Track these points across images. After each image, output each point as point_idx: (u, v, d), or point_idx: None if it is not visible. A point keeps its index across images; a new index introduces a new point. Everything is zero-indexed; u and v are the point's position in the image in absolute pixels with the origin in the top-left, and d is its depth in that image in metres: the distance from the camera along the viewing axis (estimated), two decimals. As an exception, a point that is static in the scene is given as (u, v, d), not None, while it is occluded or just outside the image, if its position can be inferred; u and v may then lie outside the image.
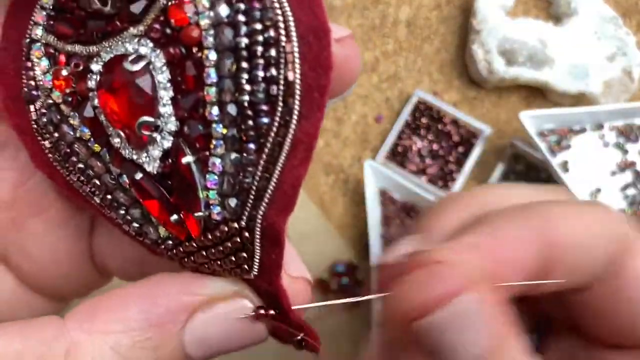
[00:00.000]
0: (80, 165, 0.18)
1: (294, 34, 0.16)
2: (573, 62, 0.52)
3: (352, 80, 0.18)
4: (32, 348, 0.16)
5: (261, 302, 0.19)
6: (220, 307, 0.18)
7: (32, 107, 0.18)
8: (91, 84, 0.17)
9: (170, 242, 0.18)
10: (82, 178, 0.18)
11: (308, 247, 0.51)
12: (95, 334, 0.17)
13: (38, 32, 0.18)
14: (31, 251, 0.21)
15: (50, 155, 0.18)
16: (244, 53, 0.16)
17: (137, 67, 0.16)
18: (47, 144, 0.18)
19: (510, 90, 0.54)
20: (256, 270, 0.18)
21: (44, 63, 0.18)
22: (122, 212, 0.18)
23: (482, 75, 0.52)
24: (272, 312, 0.18)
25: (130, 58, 0.16)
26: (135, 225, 0.18)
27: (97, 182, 0.18)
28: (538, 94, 0.54)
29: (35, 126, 0.18)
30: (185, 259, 0.18)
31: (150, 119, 0.16)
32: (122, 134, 0.17)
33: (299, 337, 0.19)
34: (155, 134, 0.17)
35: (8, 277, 0.21)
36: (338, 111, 0.54)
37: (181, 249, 0.18)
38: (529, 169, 0.53)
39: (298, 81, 0.16)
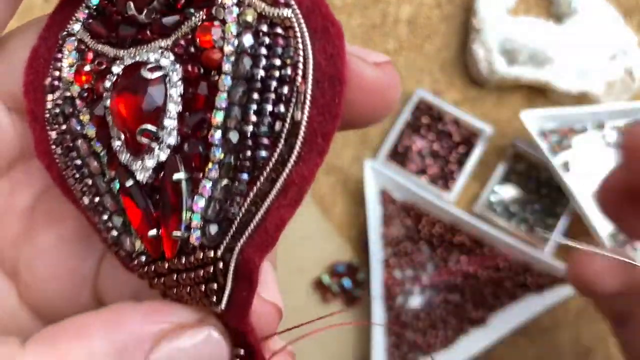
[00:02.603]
0: (78, 162, 0.18)
1: (310, 76, 0.16)
2: (574, 61, 0.52)
3: (390, 107, 0.18)
4: None
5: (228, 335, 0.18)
6: (187, 336, 0.17)
7: (50, 97, 0.18)
8: (108, 84, 0.17)
9: (144, 257, 0.18)
10: (77, 175, 0.18)
11: (308, 247, 0.51)
12: (55, 358, 0.16)
13: (76, 27, 0.18)
14: (38, 265, 0.21)
15: (53, 146, 0.18)
16: (258, 85, 0.16)
17: (153, 75, 0.16)
18: (53, 134, 0.18)
19: (511, 89, 0.54)
20: (224, 304, 0.17)
21: (73, 56, 0.18)
22: (105, 217, 0.18)
23: (483, 75, 0.52)
24: (241, 351, 0.18)
25: (149, 66, 0.17)
26: (114, 233, 0.18)
27: (90, 182, 0.18)
28: (539, 94, 0.54)
29: (47, 115, 0.18)
30: (156, 280, 0.18)
31: (153, 128, 0.16)
32: (122, 136, 0.17)
33: None
34: (154, 144, 0.17)
35: (13, 294, 0.21)
36: (338, 111, 0.54)
37: (153, 268, 0.18)
38: (530, 168, 0.53)
39: (304, 123, 0.16)
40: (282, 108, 0.16)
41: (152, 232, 0.17)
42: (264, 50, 0.16)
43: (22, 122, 0.20)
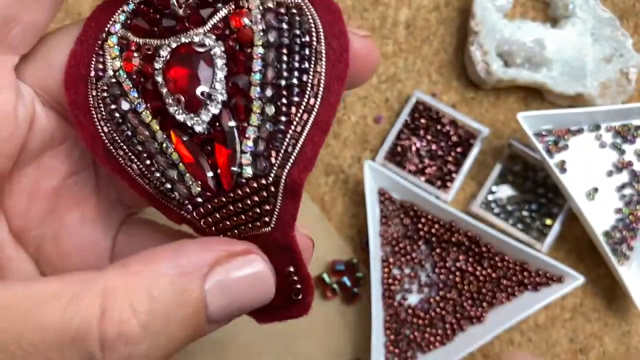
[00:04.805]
0: (129, 133, 0.21)
1: (322, 40, 0.21)
2: (570, 63, 0.52)
3: (374, 66, 0.23)
4: (69, 286, 0.18)
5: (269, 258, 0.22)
6: (237, 261, 0.20)
7: (95, 86, 0.22)
8: (157, 65, 0.21)
9: (200, 199, 0.21)
10: (124, 147, 0.22)
11: (308, 246, 0.52)
12: (129, 277, 0.18)
13: (116, 27, 0.22)
14: (64, 241, 0.23)
15: (99, 127, 0.22)
16: (285, 50, 0.21)
17: (202, 49, 0.21)
18: (100, 116, 0.22)
19: (508, 91, 0.55)
20: (274, 224, 0.21)
21: (115, 51, 0.22)
22: (158, 175, 0.22)
23: (480, 77, 0.53)
24: (290, 269, 0.22)
25: (196, 44, 0.21)
26: (168, 186, 0.21)
27: (140, 148, 0.21)
28: (536, 95, 0.54)
29: (91, 101, 0.22)
30: (209, 217, 0.21)
31: (207, 89, 0.21)
32: (181, 98, 0.21)
33: (299, 287, 0.22)
34: (207, 101, 0.21)
35: (31, 267, 0.23)
36: (338, 112, 0.54)
37: (209, 206, 0.21)
38: (526, 169, 0.53)
39: (323, 73, 0.21)
40: (306, 64, 0.21)
41: (210, 173, 0.21)
42: (285, 25, 0.21)
43: (53, 114, 0.23)
